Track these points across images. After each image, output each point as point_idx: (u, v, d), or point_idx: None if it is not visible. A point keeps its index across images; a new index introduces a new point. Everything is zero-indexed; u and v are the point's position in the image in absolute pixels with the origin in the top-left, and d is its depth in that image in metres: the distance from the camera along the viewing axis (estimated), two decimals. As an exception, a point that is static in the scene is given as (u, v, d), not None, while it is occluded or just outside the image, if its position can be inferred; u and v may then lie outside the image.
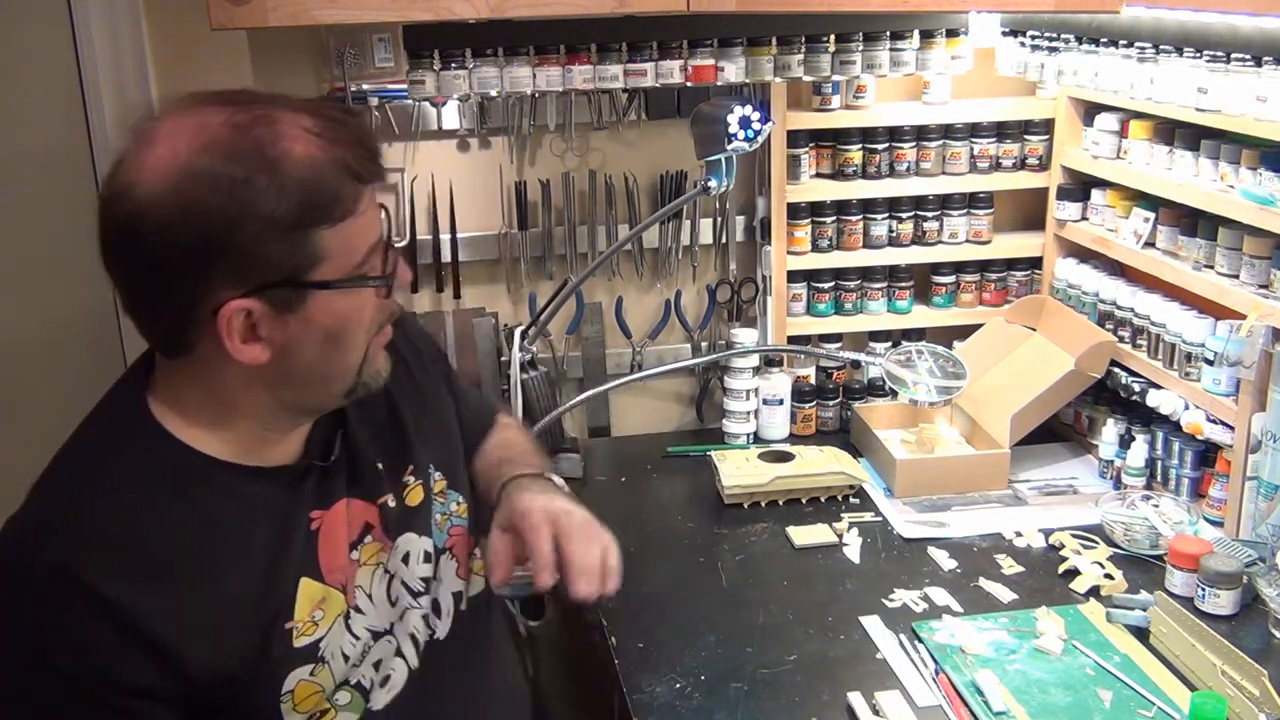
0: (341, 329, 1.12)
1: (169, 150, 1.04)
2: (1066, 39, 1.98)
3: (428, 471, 1.33)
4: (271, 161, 1.04)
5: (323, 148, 1.06)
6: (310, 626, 1.17)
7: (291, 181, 1.04)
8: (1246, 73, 1.61)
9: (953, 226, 2.27)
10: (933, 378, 2.11)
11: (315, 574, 1.19)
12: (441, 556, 1.33)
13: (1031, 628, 1.59)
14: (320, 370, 1.14)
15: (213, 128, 1.05)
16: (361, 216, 1.10)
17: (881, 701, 1.43)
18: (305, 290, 1.08)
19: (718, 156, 1.94)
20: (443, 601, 1.32)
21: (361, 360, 1.17)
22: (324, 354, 1.13)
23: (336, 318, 1.11)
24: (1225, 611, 1.61)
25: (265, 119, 1.06)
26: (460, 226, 2.20)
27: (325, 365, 1.14)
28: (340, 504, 1.23)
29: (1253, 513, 1.74)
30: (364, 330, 1.16)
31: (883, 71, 2.02)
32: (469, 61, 1.89)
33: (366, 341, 1.17)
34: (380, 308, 1.17)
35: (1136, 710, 1.42)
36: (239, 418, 1.15)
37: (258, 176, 1.03)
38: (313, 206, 1.05)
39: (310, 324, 1.10)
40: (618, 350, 2.33)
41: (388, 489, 1.28)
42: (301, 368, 1.13)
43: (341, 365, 1.16)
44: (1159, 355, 1.94)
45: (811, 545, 1.85)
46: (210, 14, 1.56)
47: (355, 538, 1.25)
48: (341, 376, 1.17)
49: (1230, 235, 1.77)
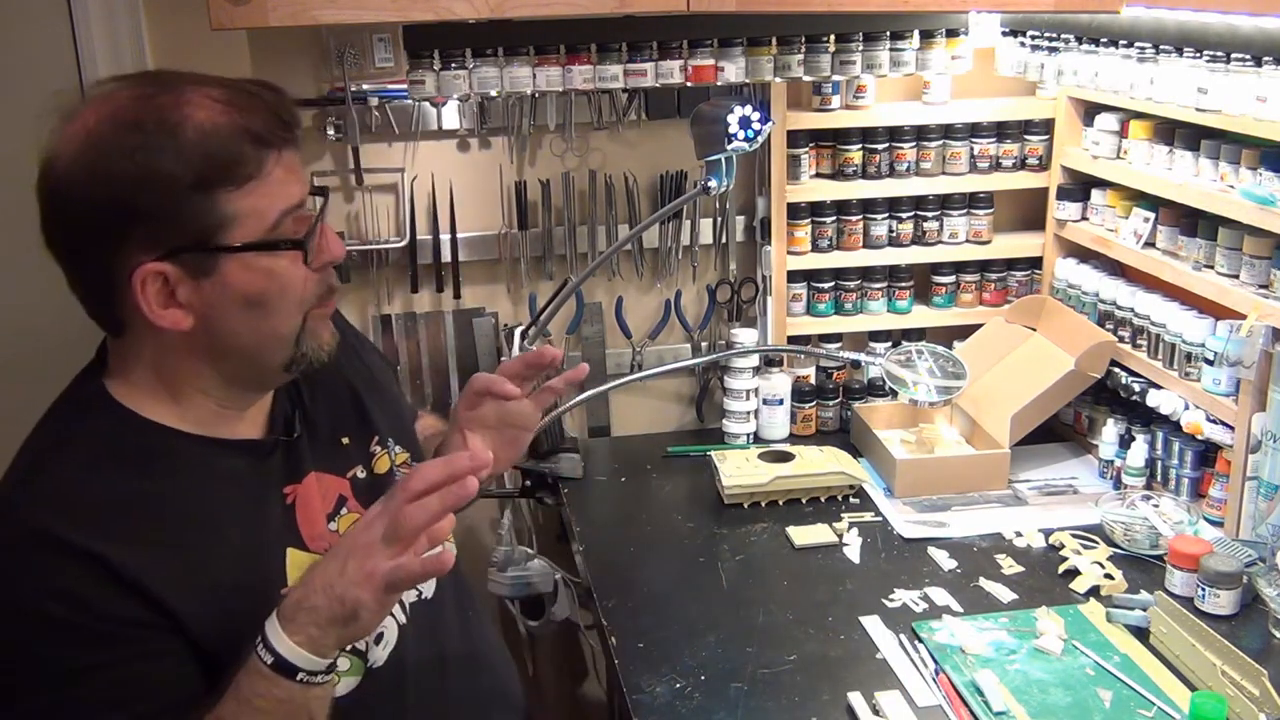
0: (261, 295, 1.14)
1: (81, 124, 1.11)
2: (1066, 39, 1.98)
3: (388, 443, 1.36)
4: (172, 126, 1.08)
5: (225, 113, 1.10)
6: None
7: (190, 144, 1.08)
8: (1246, 73, 1.61)
9: (953, 226, 2.27)
10: (933, 378, 2.11)
11: (299, 544, 1.22)
12: None
13: (1031, 628, 1.59)
14: (250, 339, 1.16)
15: (120, 99, 1.11)
16: (269, 181, 1.11)
17: (881, 701, 1.43)
18: (216, 254, 1.11)
19: (718, 156, 1.94)
20: None
21: (298, 331, 1.17)
22: (249, 322, 1.15)
23: (254, 283, 1.13)
24: (1225, 611, 1.60)
25: (173, 90, 1.11)
26: (460, 226, 2.20)
27: (253, 334, 1.16)
28: (310, 477, 1.26)
29: (1253, 513, 1.74)
30: (292, 299, 1.16)
31: (883, 71, 2.02)
32: (469, 61, 1.89)
33: (300, 312, 1.17)
34: (313, 279, 1.18)
35: (1136, 710, 1.42)
36: (189, 392, 1.18)
37: (158, 140, 1.07)
38: (213, 168, 1.08)
39: (227, 289, 1.12)
40: (618, 350, 2.33)
41: (357, 460, 1.31)
42: (229, 335, 1.15)
43: (271, 334, 1.16)
44: (1159, 355, 1.94)
45: (811, 545, 1.85)
46: (210, 14, 1.56)
47: (331, 509, 1.27)
48: (275, 346, 1.17)
49: (1230, 235, 1.77)
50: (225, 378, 1.19)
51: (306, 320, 1.18)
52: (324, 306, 1.21)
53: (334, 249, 1.20)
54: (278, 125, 1.13)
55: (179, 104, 1.09)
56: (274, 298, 1.14)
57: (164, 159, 1.07)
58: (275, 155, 1.12)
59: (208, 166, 1.08)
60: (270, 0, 1.58)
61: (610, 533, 1.93)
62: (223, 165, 1.09)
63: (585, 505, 2.03)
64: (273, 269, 1.13)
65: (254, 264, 1.12)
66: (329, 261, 1.19)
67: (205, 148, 1.08)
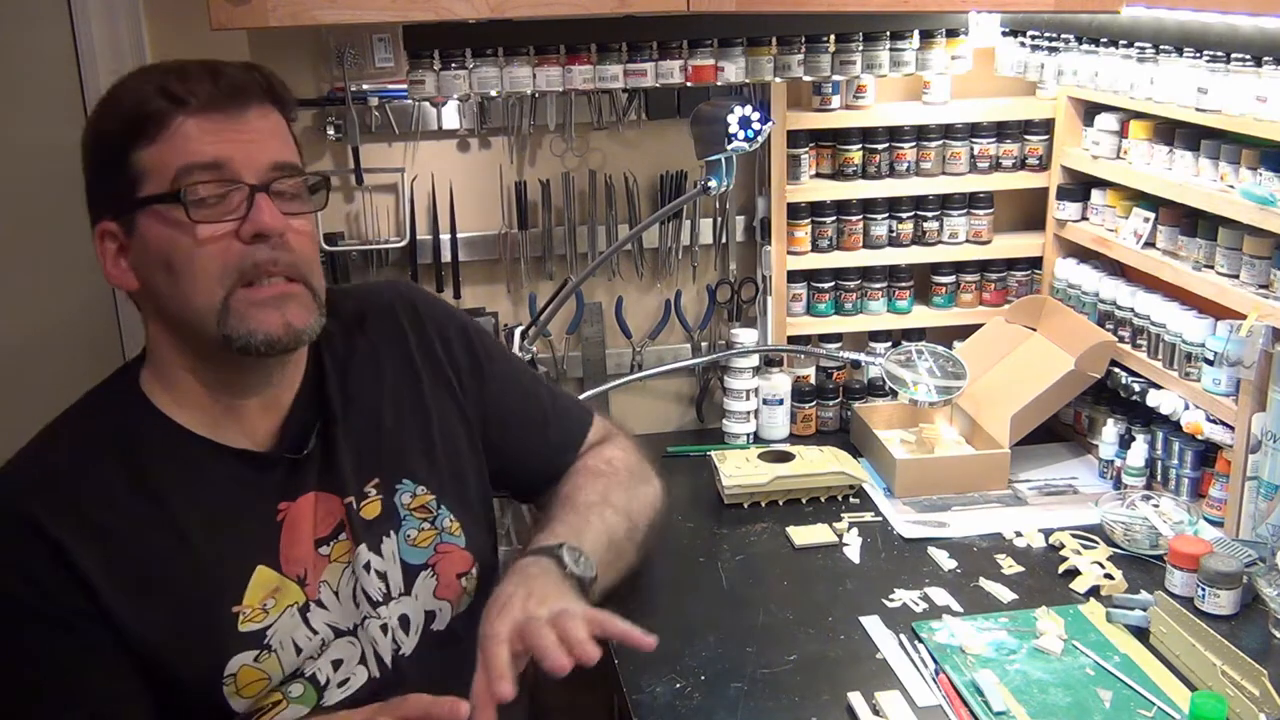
0: (170, 256, 1.15)
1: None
2: (1066, 39, 1.98)
3: (395, 486, 1.30)
4: (113, 92, 1.17)
5: (149, 76, 1.16)
6: (259, 614, 1.18)
7: (119, 105, 1.15)
8: (1246, 73, 1.61)
9: (953, 226, 2.27)
10: (933, 378, 2.11)
11: (273, 563, 1.21)
12: (420, 573, 1.29)
13: (1031, 628, 1.59)
14: (174, 305, 1.17)
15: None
16: (175, 136, 1.13)
17: (881, 701, 1.43)
18: (133, 210, 1.15)
19: (718, 156, 1.94)
20: (412, 618, 1.28)
21: (218, 308, 1.15)
22: (169, 286, 1.16)
23: (162, 241, 1.15)
24: (1225, 611, 1.60)
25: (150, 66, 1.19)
26: (460, 226, 2.20)
27: (175, 299, 1.17)
28: (308, 497, 1.24)
29: (1253, 513, 1.74)
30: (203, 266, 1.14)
31: (883, 71, 2.02)
32: (469, 61, 1.89)
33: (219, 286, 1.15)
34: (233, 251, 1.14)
35: (1136, 710, 1.42)
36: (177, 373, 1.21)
37: (105, 105, 1.17)
38: (130, 125, 1.14)
39: (147, 247, 1.16)
40: (618, 350, 2.33)
41: (352, 491, 1.27)
42: (160, 299, 1.18)
43: (187, 302, 1.16)
44: (1159, 355, 1.94)
45: (811, 545, 1.85)
46: (210, 14, 1.56)
47: (327, 533, 1.25)
48: (196, 318, 1.16)
49: (1230, 235, 1.77)
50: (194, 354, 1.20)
51: (230, 298, 1.15)
52: (257, 289, 1.16)
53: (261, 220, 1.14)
54: (202, 86, 1.14)
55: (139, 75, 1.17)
56: (181, 260, 1.15)
57: (103, 119, 1.17)
58: (184, 111, 1.14)
59: (127, 123, 1.14)
60: (270, 0, 1.58)
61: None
62: (136, 120, 1.13)
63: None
64: (175, 226, 1.14)
65: (160, 220, 1.15)
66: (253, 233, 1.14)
67: (127, 105, 1.15)
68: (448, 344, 1.40)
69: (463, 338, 1.41)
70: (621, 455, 1.50)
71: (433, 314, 1.41)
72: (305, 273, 1.19)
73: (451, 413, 1.38)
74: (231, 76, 1.16)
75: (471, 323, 1.46)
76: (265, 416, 1.24)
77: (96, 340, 2.13)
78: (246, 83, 1.16)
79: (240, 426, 1.23)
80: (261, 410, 1.24)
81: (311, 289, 1.20)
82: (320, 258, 1.25)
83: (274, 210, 1.15)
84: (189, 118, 1.13)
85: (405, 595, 1.28)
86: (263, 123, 1.17)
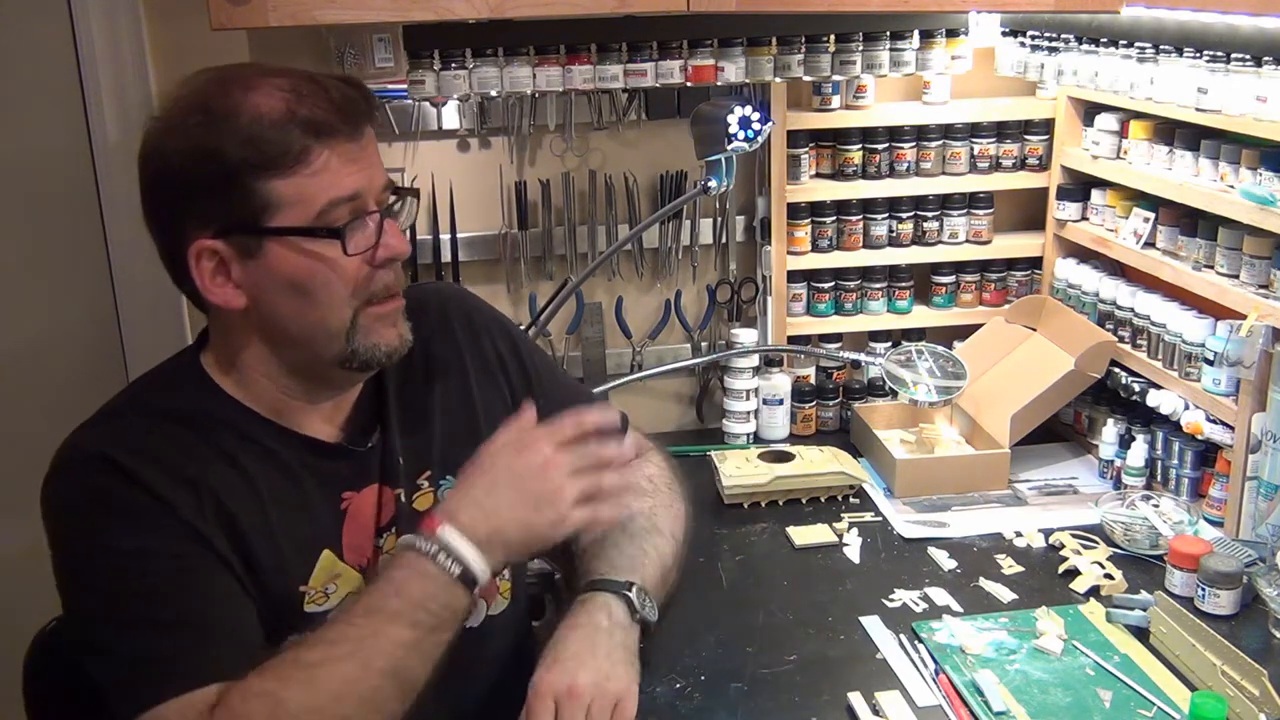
0: (306, 282, 1.15)
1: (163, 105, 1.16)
2: (1066, 39, 1.98)
3: (441, 480, 1.34)
4: (230, 109, 1.12)
5: (283, 100, 1.12)
6: (321, 597, 1.21)
7: (242, 128, 1.11)
8: (1246, 73, 1.61)
9: (953, 226, 2.27)
10: (933, 378, 2.11)
11: (337, 550, 1.23)
12: None
13: (1031, 628, 1.59)
14: (297, 326, 1.18)
15: (201, 85, 1.15)
16: (317, 169, 1.13)
17: (881, 701, 1.43)
18: (261, 236, 1.13)
19: (718, 156, 1.94)
20: None
21: (347, 326, 1.18)
22: (296, 308, 1.17)
23: (298, 269, 1.15)
24: (1225, 611, 1.60)
25: (244, 76, 1.15)
26: (460, 226, 2.20)
27: (300, 320, 1.18)
28: (371, 489, 1.27)
29: (1253, 513, 1.74)
30: (338, 290, 1.17)
31: (883, 71, 2.02)
32: (469, 61, 1.89)
33: (349, 306, 1.18)
34: (364, 274, 1.18)
35: (1136, 710, 1.42)
36: (253, 375, 1.22)
37: (214, 121, 1.12)
38: (259, 153, 1.11)
39: (272, 272, 1.15)
40: (618, 350, 2.33)
41: (403, 484, 1.31)
42: (278, 319, 1.18)
43: (319, 323, 1.18)
44: (1159, 355, 1.94)
45: (811, 545, 1.85)
46: (210, 14, 1.56)
47: (385, 524, 1.28)
48: (323, 337, 1.19)
49: (1230, 235, 1.77)
50: (286, 366, 1.21)
51: (358, 316, 1.19)
52: (380, 305, 1.21)
53: (392, 244, 1.19)
54: (335, 116, 1.14)
55: (246, 90, 1.13)
56: (318, 286, 1.16)
57: (215, 138, 1.11)
58: (327, 145, 1.13)
59: (254, 150, 1.11)
60: (270, 0, 1.58)
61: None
62: (269, 150, 1.11)
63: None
64: (316, 256, 1.15)
65: (298, 249, 1.14)
66: (388, 258, 1.19)
67: (254, 132, 1.11)
68: (497, 348, 1.44)
69: (511, 346, 1.46)
70: (658, 473, 1.57)
71: (485, 320, 1.45)
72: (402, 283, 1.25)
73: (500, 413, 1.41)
74: (350, 100, 1.16)
75: (519, 332, 1.52)
76: (327, 420, 1.28)
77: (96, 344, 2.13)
78: (360, 104, 1.17)
79: (308, 420, 1.25)
80: (326, 415, 1.28)
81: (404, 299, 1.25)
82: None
83: (399, 234, 1.20)
84: (332, 153, 1.14)
85: None
86: (373, 145, 1.20)
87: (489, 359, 1.43)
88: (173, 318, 2.08)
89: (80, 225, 2.09)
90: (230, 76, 1.15)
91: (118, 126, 2.04)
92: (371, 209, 1.17)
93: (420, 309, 1.38)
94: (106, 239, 2.08)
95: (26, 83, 2.07)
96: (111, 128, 2.04)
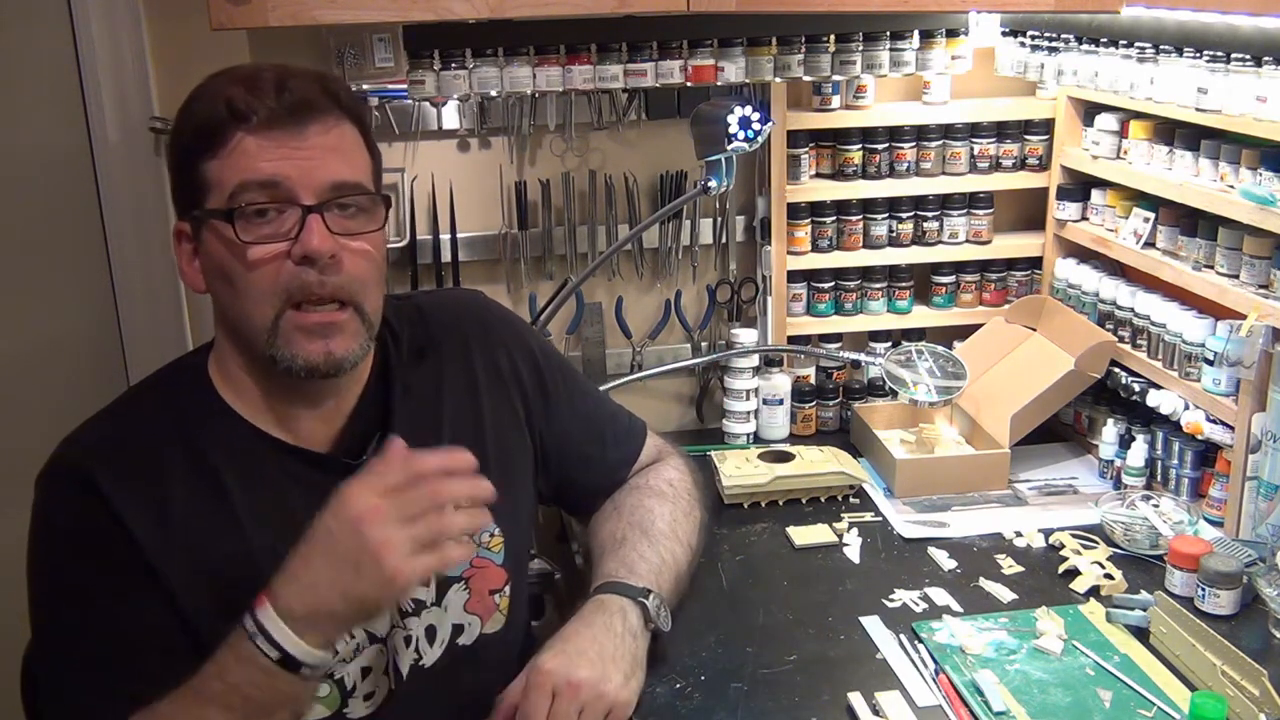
0: (226, 268, 1.16)
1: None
2: (1066, 39, 1.98)
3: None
4: (192, 95, 1.18)
5: (221, 84, 1.15)
6: None
7: (191, 112, 1.16)
8: (1246, 73, 1.61)
9: (953, 226, 2.27)
10: (933, 378, 2.11)
11: None
12: (453, 585, 1.31)
13: (1031, 628, 1.59)
14: (232, 315, 1.19)
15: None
16: (235, 152, 1.13)
17: (881, 701, 1.43)
18: (198, 219, 1.16)
19: (718, 156, 1.94)
20: (438, 629, 1.30)
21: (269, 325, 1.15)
22: (228, 298, 1.18)
23: (219, 253, 1.16)
24: (1225, 611, 1.60)
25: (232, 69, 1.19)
26: (460, 226, 2.20)
27: (231, 310, 1.18)
28: None
29: (1253, 513, 1.74)
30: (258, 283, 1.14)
31: (883, 71, 2.02)
32: (469, 61, 1.89)
33: (270, 305, 1.14)
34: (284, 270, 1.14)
35: (1136, 710, 1.42)
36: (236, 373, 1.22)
37: (182, 110, 1.18)
38: (197, 137, 1.15)
39: (209, 256, 1.17)
40: (618, 350, 2.33)
41: None
42: (221, 306, 1.20)
43: (242, 316, 1.17)
44: (1159, 355, 1.94)
45: (811, 545, 1.85)
46: (210, 14, 1.56)
47: None
48: (249, 333, 1.17)
49: (1230, 235, 1.77)
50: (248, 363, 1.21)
51: (280, 319, 1.15)
52: (305, 313, 1.15)
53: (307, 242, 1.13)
54: (266, 102, 1.12)
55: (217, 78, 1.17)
56: (238, 274, 1.15)
57: (179, 123, 1.18)
58: (242, 126, 1.13)
59: (194, 133, 1.15)
60: (270, 0, 1.58)
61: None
62: (202, 132, 1.14)
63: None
64: (227, 242, 1.15)
65: (216, 233, 1.15)
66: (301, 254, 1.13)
67: (198, 115, 1.15)
68: (514, 363, 1.42)
69: (529, 358, 1.44)
70: (679, 477, 1.57)
71: (502, 331, 1.43)
72: (356, 295, 1.17)
73: (510, 429, 1.40)
74: (298, 90, 1.14)
75: (539, 343, 1.49)
76: (323, 424, 1.25)
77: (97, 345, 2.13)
78: (312, 96, 1.14)
79: (298, 429, 1.24)
80: (319, 419, 1.25)
81: (361, 313, 1.19)
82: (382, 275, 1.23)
83: (324, 232, 1.13)
84: (249, 134, 1.12)
85: (435, 606, 1.29)
86: (324, 139, 1.15)
87: (502, 371, 1.40)
88: (173, 318, 2.08)
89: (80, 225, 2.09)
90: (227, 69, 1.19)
91: (118, 126, 2.04)
92: (303, 202, 1.13)
93: (438, 318, 1.38)
94: (106, 239, 2.07)
95: (26, 83, 2.07)
96: (111, 128, 2.04)
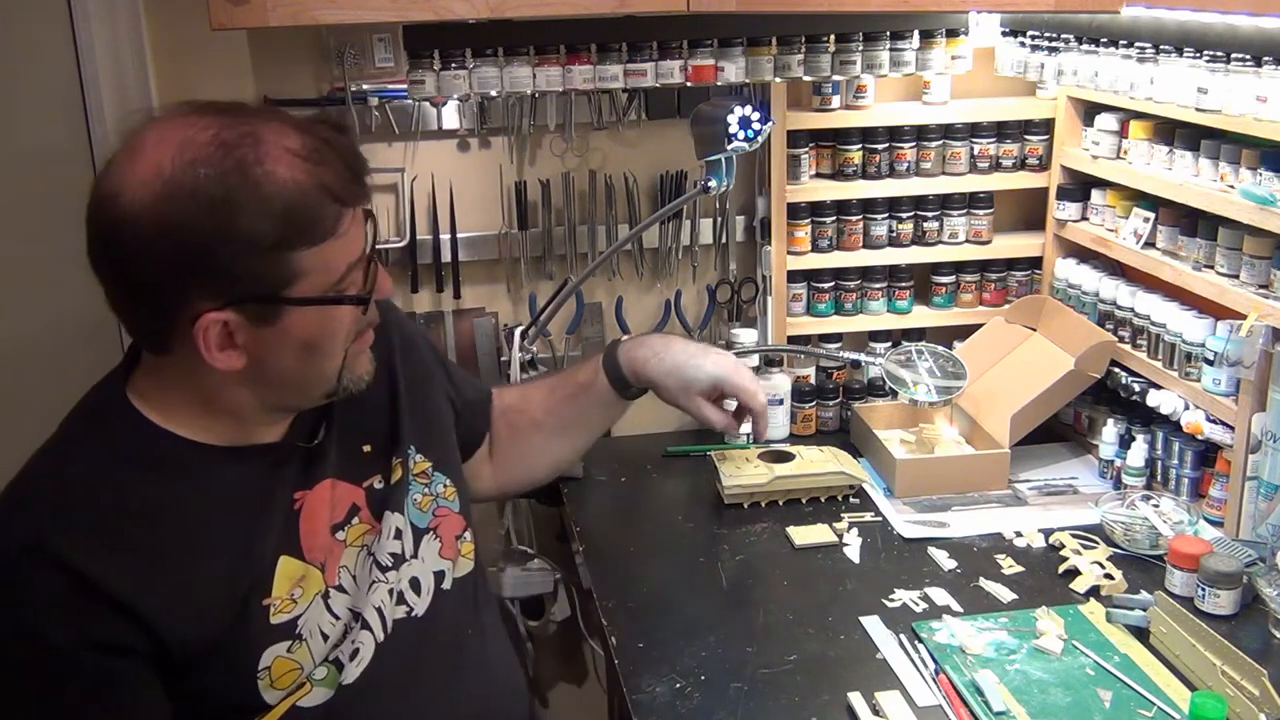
0: (318, 341, 1.16)
1: (154, 163, 1.06)
2: (1066, 39, 1.98)
3: (407, 452, 1.36)
4: (254, 182, 1.05)
5: (306, 170, 1.08)
6: (289, 604, 1.20)
7: (272, 204, 1.06)
8: (1246, 73, 1.61)
9: (953, 226, 2.27)
10: (933, 378, 2.11)
11: (296, 552, 1.22)
12: (425, 536, 1.35)
13: (1031, 628, 1.59)
14: (297, 376, 1.18)
15: (198, 144, 1.06)
16: (342, 237, 1.12)
17: (881, 701, 1.43)
18: (282, 305, 1.11)
19: (718, 156, 1.94)
20: (422, 580, 1.34)
21: (340, 367, 1.20)
22: (301, 362, 1.17)
23: (312, 331, 1.15)
24: (1225, 611, 1.60)
25: (251, 137, 1.07)
26: (460, 226, 2.20)
27: (302, 372, 1.18)
28: (324, 484, 1.27)
29: (1253, 513, 1.74)
30: (341, 340, 1.19)
31: (883, 71, 2.02)
32: (469, 61, 1.89)
33: (345, 349, 1.20)
34: (359, 318, 1.21)
35: (1136, 710, 1.42)
36: (220, 413, 1.19)
37: (239, 197, 1.05)
38: (293, 229, 1.08)
39: (286, 336, 1.14)
40: (618, 350, 2.33)
41: (376, 471, 1.32)
42: (278, 373, 1.17)
43: (318, 373, 1.19)
44: (1159, 355, 1.94)
45: (811, 545, 1.85)
46: (210, 14, 1.56)
47: (341, 519, 1.28)
48: (319, 383, 1.21)
49: (1230, 235, 1.77)
50: (264, 404, 1.21)
51: (346, 356, 1.21)
52: (361, 340, 1.23)
53: (384, 286, 1.22)
54: (352, 180, 1.13)
55: (260, 157, 1.06)
56: (327, 341, 1.17)
57: (245, 218, 1.05)
58: (351, 213, 1.13)
59: (289, 228, 1.07)
60: (270, 0, 1.58)
61: (610, 533, 1.93)
62: (303, 226, 1.09)
63: (585, 505, 2.03)
64: (332, 317, 1.16)
65: (315, 313, 1.14)
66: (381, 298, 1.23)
67: (285, 209, 1.07)
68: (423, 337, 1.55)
69: (423, 334, 1.58)
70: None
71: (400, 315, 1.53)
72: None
73: (438, 392, 1.50)
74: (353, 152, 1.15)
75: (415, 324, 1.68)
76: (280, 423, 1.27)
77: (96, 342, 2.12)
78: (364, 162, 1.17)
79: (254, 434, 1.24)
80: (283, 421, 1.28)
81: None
82: None
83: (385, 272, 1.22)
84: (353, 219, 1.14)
85: (414, 558, 1.33)
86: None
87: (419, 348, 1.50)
88: (173, 318, 2.08)
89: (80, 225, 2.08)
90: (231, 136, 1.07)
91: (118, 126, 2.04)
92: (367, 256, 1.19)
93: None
94: (106, 239, 2.07)
95: (26, 83, 2.07)
96: (111, 128, 2.04)
